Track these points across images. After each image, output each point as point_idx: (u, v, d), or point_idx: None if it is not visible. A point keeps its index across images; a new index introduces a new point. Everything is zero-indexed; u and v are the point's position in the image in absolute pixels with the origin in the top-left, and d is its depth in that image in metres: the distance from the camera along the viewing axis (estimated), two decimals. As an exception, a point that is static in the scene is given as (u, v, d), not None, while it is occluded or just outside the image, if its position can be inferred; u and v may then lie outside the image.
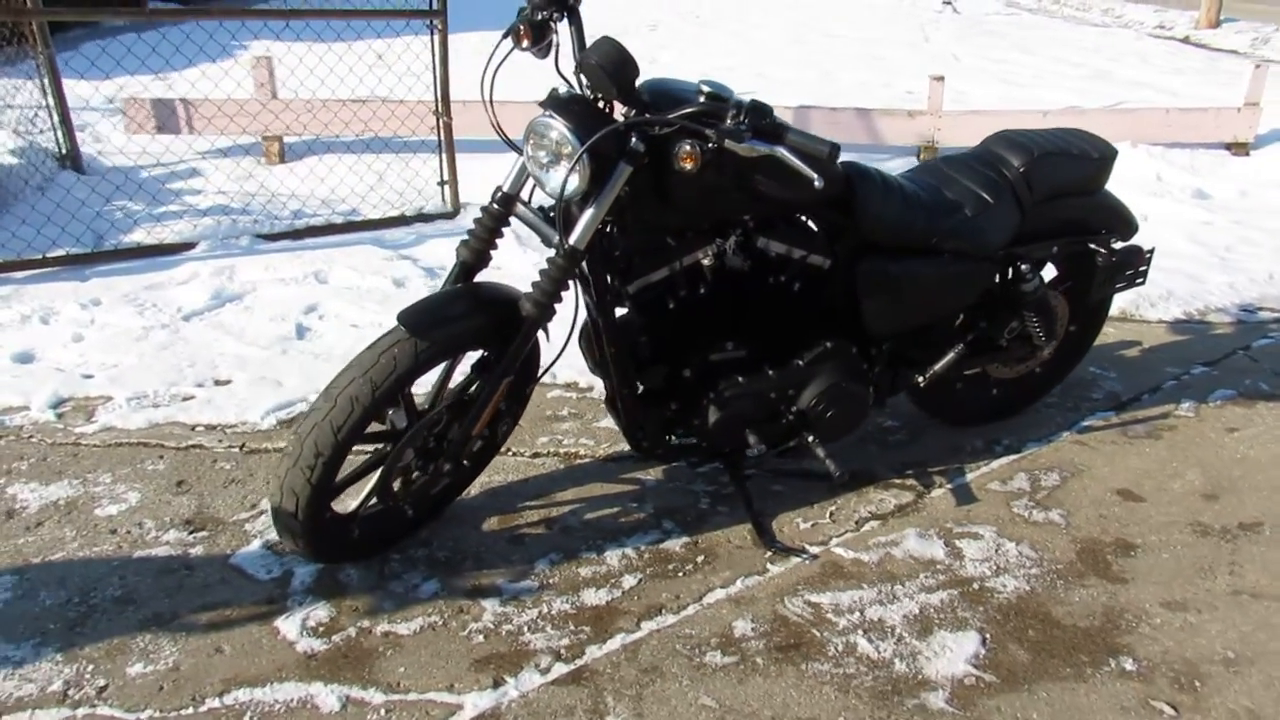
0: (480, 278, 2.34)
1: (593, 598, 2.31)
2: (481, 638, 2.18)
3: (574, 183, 2.01)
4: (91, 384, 3.22)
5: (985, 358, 2.82)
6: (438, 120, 4.97)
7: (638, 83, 2.07)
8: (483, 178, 5.56)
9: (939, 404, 2.96)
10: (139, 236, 4.52)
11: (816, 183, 1.93)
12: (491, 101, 2.14)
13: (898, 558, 2.46)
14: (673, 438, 2.53)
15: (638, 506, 2.67)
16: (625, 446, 2.94)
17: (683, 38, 10.50)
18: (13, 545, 2.44)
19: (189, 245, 4.43)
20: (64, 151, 5.28)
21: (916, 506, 2.67)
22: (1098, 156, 2.70)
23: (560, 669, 2.09)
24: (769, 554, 2.47)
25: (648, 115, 2.04)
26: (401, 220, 4.99)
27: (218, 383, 3.29)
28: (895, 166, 5.92)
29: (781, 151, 1.95)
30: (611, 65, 1.95)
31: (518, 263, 4.27)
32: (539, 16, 2.14)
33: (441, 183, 5.09)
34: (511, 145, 2.20)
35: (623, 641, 2.17)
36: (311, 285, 4.13)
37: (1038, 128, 2.86)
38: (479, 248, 2.26)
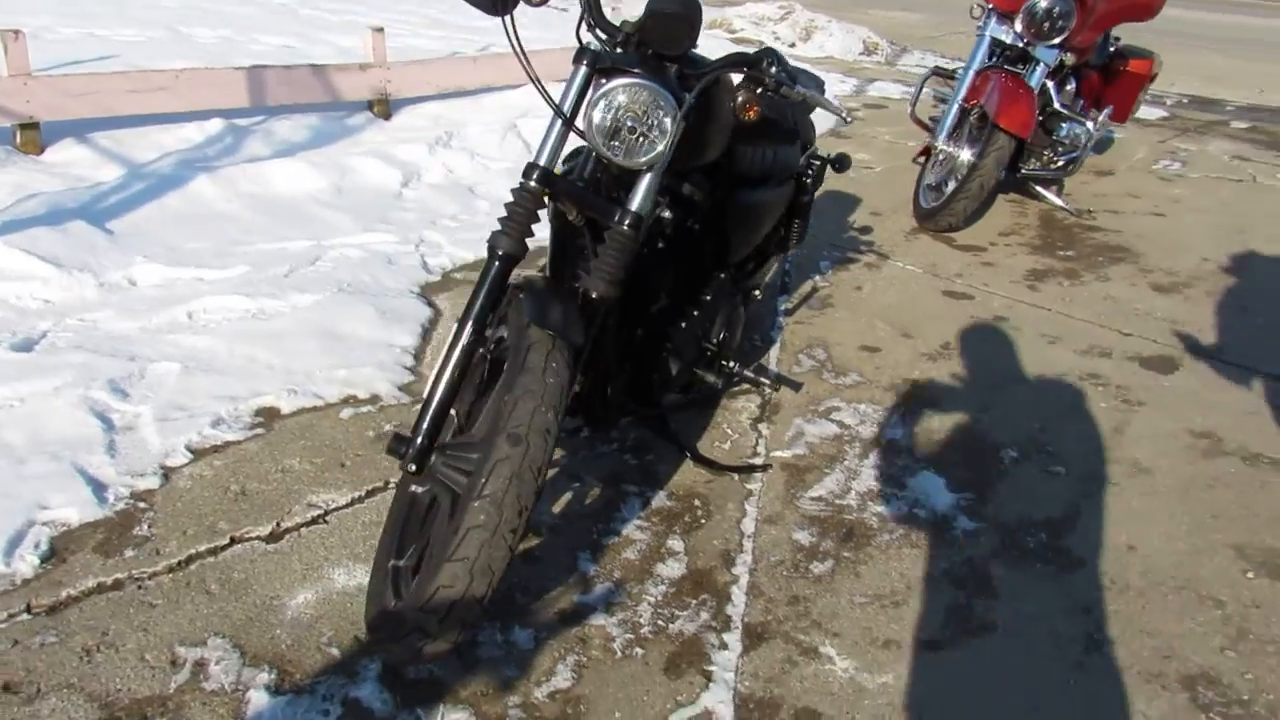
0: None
1: (669, 570, 2.25)
2: (642, 649, 2.00)
3: (662, 147, 1.88)
4: None
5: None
6: None
7: None
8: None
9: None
10: None
11: (848, 119, 2.13)
12: (524, 54, 1.84)
13: (815, 442, 2.83)
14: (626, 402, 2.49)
15: (583, 485, 2.56)
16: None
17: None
18: None
19: None
20: None
21: (773, 402, 3.04)
22: (820, 81, 3.26)
23: (736, 637, 2.06)
24: (737, 477, 2.63)
25: (685, 70, 1.98)
26: None
27: None
28: (358, 122, 5.79)
29: (816, 94, 2.10)
30: (691, 13, 1.86)
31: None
32: (552, -37, 1.88)
33: None
34: (555, 107, 1.89)
35: (745, 593, 2.20)
36: None
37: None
38: (519, 235, 1.91)
